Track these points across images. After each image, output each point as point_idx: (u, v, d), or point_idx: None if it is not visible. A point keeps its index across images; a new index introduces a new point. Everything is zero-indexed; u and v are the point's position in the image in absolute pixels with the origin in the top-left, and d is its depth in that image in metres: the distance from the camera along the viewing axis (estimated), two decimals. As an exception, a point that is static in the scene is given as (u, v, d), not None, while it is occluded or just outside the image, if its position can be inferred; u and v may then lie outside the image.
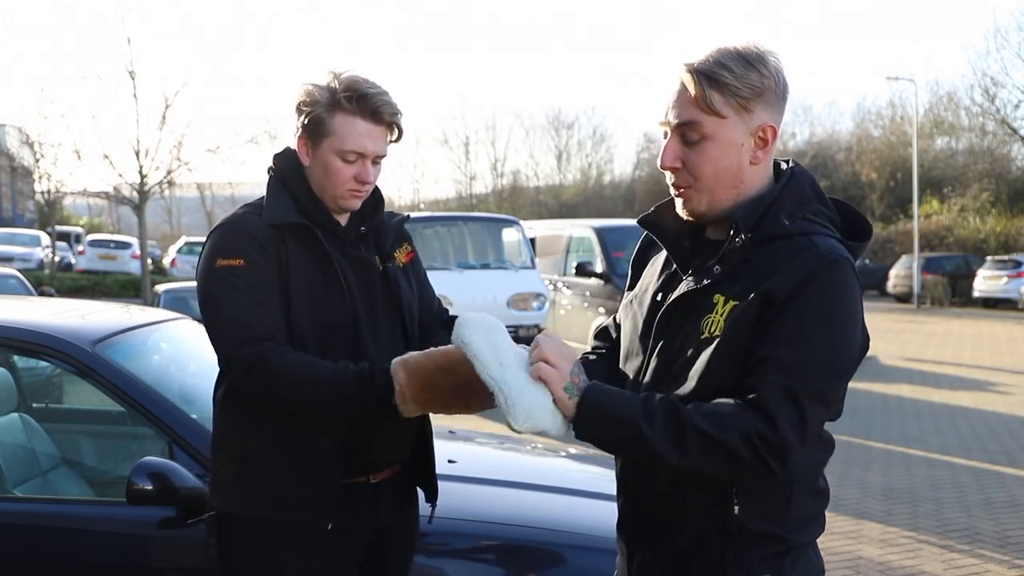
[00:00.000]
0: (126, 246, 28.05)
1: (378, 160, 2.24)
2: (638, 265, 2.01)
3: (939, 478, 7.29)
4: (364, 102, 2.17)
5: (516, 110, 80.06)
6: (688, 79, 1.71)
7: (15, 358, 3.58)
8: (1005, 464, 7.77)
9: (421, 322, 2.39)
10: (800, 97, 44.66)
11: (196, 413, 2.88)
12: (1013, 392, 11.65)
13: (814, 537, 1.80)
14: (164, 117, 20.08)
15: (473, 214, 18.34)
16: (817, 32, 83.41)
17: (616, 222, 13.21)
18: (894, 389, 11.76)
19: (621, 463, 1.87)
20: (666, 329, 1.77)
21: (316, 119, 2.18)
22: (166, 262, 30.51)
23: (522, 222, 13.28)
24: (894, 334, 18.84)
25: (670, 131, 1.76)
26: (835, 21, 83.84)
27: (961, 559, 5.41)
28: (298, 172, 2.25)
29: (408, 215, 2.50)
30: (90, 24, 43.05)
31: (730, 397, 1.63)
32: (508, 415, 1.65)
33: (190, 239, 31.36)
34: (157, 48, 34.14)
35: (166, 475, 2.53)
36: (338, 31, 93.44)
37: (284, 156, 2.30)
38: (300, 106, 2.20)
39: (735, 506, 1.68)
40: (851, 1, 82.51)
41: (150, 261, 24.83)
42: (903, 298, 28.29)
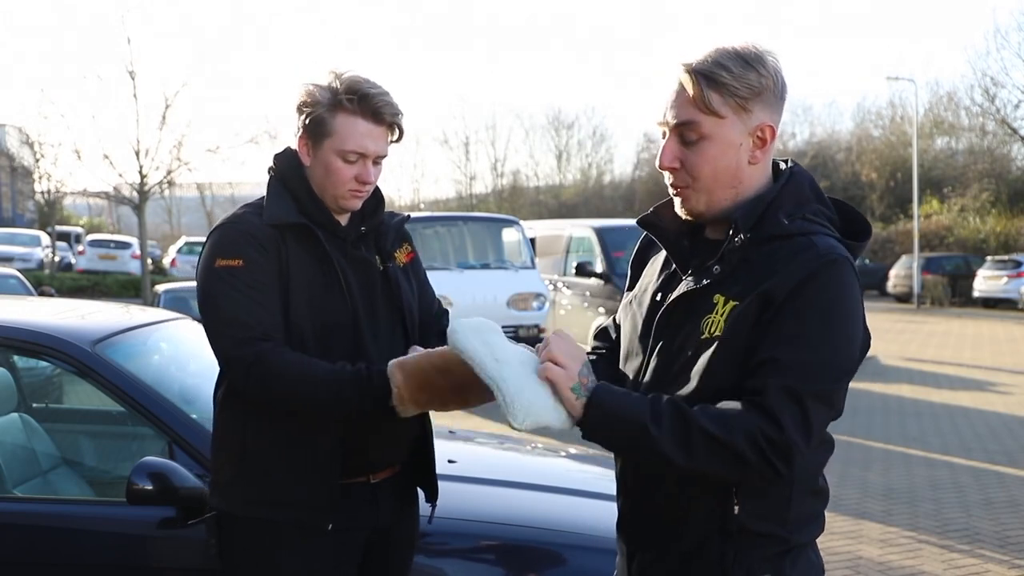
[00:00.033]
0: (126, 246, 28.05)
1: (379, 160, 2.24)
2: (637, 265, 2.01)
3: (939, 478, 7.29)
4: (365, 102, 2.17)
5: (516, 110, 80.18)
6: (686, 79, 1.71)
7: (15, 358, 3.58)
8: (1005, 464, 7.77)
9: (421, 322, 2.39)
10: (800, 97, 44.78)
11: (196, 413, 2.88)
12: (1013, 392, 11.64)
13: (814, 537, 1.80)
14: (164, 117, 20.10)
15: (473, 214, 18.31)
16: (817, 32, 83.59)
17: (616, 222, 13.21)
18: (894, 389, 11.76)
19: (621, 463, 1.87)
20: (666, 329, 1.78)
21: (317, 119, 2.18)
22: (166, 262, 30.51)
23: (522, 222, 13.26)
24: (894, 334, 18.84)
25: (668, 131, 1.76)
26: (835, 21, 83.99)
27: (961, 559, 5.41)
28: (298, 172, 2.26)
29: (408, 215, 2.50)
30: (90, 24, 43.02)
31: (731, 397, 1.63)
32: (508, 413, 1.65)
33: (190, 239, 31.37)
34: (157, 48, 34.14)
35: (166, 475, 2.53)
36: (338, 31, 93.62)
37: (284, 156, 2.30)
38: (301, 106, 2.20)
39: (735, 506, 1.68)
40: (851, 1, 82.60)
41: (150, 261, 24.82)
42: (903, 298, 28.29)
